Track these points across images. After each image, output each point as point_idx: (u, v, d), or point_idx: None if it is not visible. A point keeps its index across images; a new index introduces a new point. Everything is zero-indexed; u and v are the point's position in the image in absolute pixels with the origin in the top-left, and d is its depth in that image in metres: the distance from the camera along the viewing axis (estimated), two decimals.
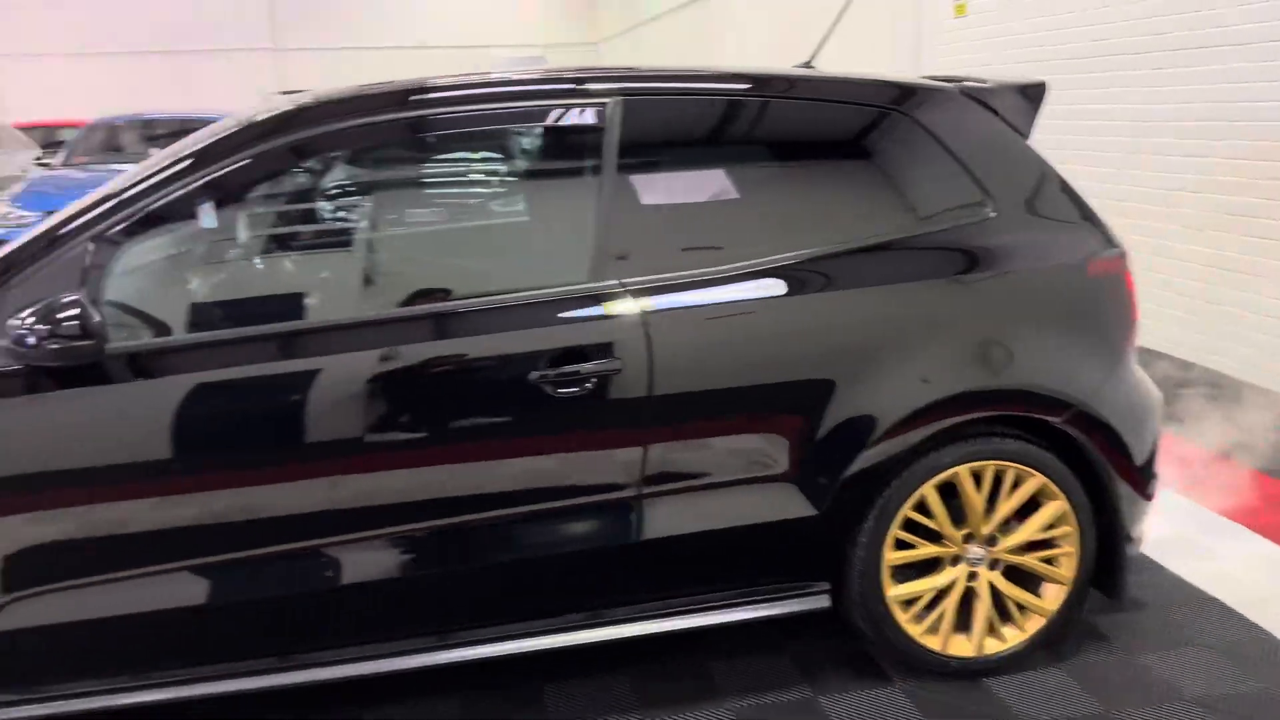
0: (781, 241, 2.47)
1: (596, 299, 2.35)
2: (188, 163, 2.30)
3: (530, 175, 2.58)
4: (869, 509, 2.51)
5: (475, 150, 2.53)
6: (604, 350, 2.30)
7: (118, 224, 2.23)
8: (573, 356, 2.30)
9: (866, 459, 2.46)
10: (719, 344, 2.39)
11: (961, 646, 2.64)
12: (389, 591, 2.33)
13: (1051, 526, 2.62)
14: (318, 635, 2.35)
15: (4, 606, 2.17)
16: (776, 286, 2.43)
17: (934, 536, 2.59)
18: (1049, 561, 2.64)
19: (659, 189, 2.47)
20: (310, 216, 2.55)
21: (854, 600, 2.58)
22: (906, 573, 2.61)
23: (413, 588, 2.34)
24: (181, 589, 2.25)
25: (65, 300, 2.09)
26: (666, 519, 2.42)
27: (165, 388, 2.18)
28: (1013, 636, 2.67)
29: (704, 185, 2.52)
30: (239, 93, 18.00)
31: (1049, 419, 2.55)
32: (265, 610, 2.30)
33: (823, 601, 2.57)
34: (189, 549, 2.23)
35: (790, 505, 2.47)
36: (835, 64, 2.86)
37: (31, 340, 2.06)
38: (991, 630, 2.66)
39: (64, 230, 2.23)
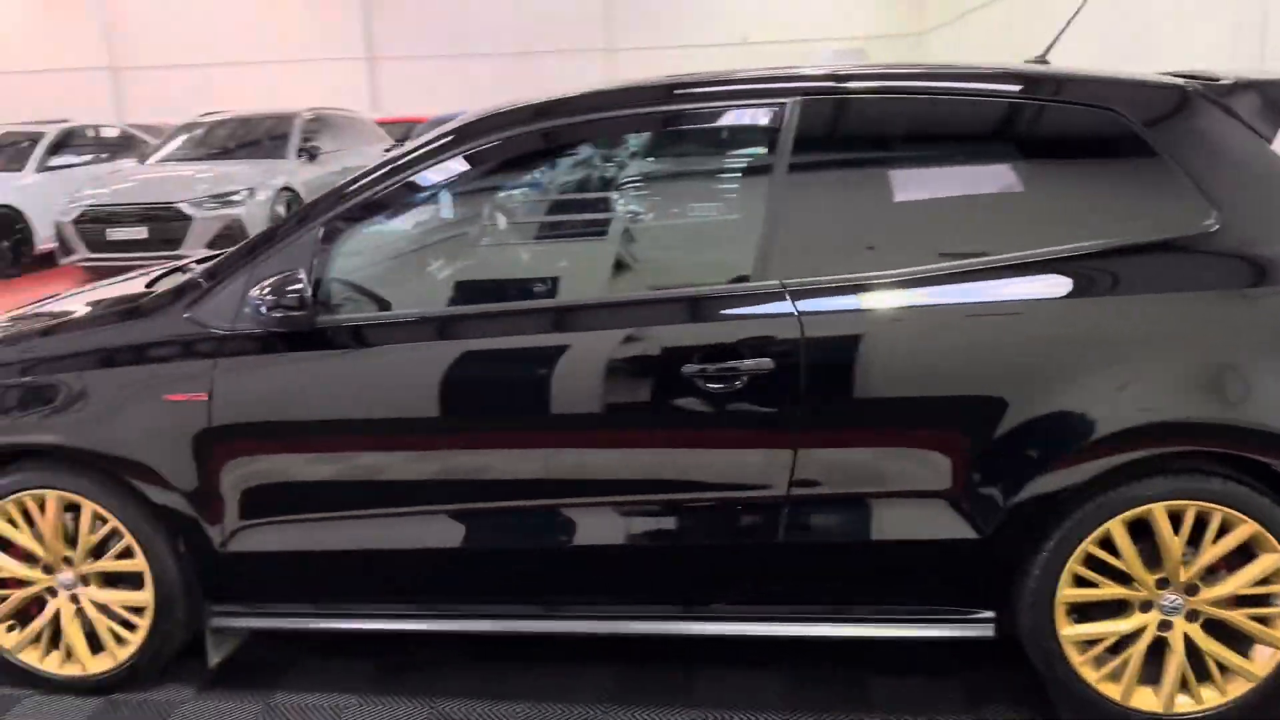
0: (957, 247, 2.37)
1: (755, 298, 2.38)
2: (438, 144, 2.58)
3: (714, 173, 2.65)
4: (1044, 539, 2.35)
5: (657, 148, 2.64)
6: (756, 348, 2.33)
7: (349, 210, 2.56)
8: (725, 353, 2.35)
9: (1043, 484, 2.30)
10: (878, 349, 2.33)
11: (1147, 700, 2.40)
12: (550, 557, 2.52)
13: (1267, 581, 2.32)
14: (490, 590, 2.58)
15: (237, 532, 2.58)
16: (949, 294, 2.33)
17: (1122, 577, 2.37)
18: (1262, 621, 2.34)
19: (828, 190, 2.45)
20: (525, 207, 2.79)
21: (1024, 634, 2.42)
22: (1088, 611, 2.41)
23: (569, 556, 2.50)
24: (384, 532, 2.55)
25: (292, 275, 2.44)
26: (813, 524, 2.41)
27: (362, 357, 2.49)
28: (1211, 699, 2.38)
29: (876, 187, 2.46)
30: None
31: (1270, 461, 2.26)
32: (453, 560, 2.55)
33: (986, 630, 2.44)
34: (385, 498, 2.53)
35: (949, 525, 2.36)
36: (1152, 44, 2.66)
37: (263, 309, 2.44)
38: (1186, 687, 2.39)
39: (308, 213, 2.60)
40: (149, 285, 2.94)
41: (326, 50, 23.46)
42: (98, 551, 2.67)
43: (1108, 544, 2.34)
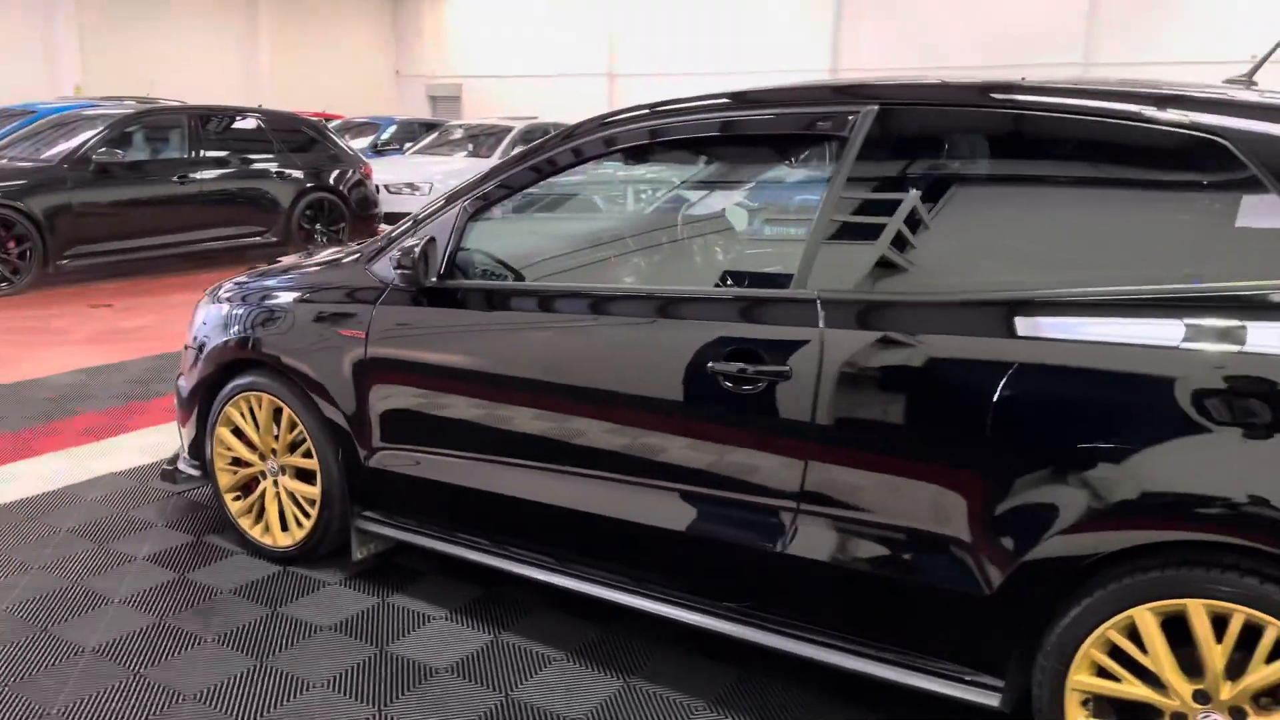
0: (1002, 278, 2.16)
1: (785, 304, 2.36)
2: (545, 144, 2.89)
3: (778, 180, 2.63)
4: (1060, 611, 2.08)
5: (731, 154, 2.67)
6: (777, 355, 2.31)
7: (481, 193, 2.94)
8: (748, 355, 2.36)
9: (1056, 547, 2.04)
10: (899, 374, 2.21)
11: None
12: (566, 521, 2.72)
13: None
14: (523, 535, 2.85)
15: (376, 451, 3.08)
16: (980, 324, 2.14)
17: (1153, 677, 2.02)
18: None
19: (883, 203, 2.33)
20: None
21: (1036, 712, 2.16)
22: (1115, 708, 2.09)
23: (584, 519, 2.69)
24: (471, 472, 2.90)
25: (412, 244, 2.87)
26: (815, 542, 2.34)
27: (454, 315, 2.87)
28: None
29: (932, 204, 2.29)
30: None
31: None
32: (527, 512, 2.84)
33: (990, 700, 2.20)
34: (470, 442, 2.88)
35: (952, 574, 2.18)
36: None
37: (393, 268, 2.90)
38: None
39: (458, 193, 3.02)
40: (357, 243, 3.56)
41: (794, 62, 24.39)
42: (292, 448, 3.32)
43: (1137, 635, 2.02)
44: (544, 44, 27.74)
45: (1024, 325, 2.10)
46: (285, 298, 3.33)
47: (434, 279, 2.90)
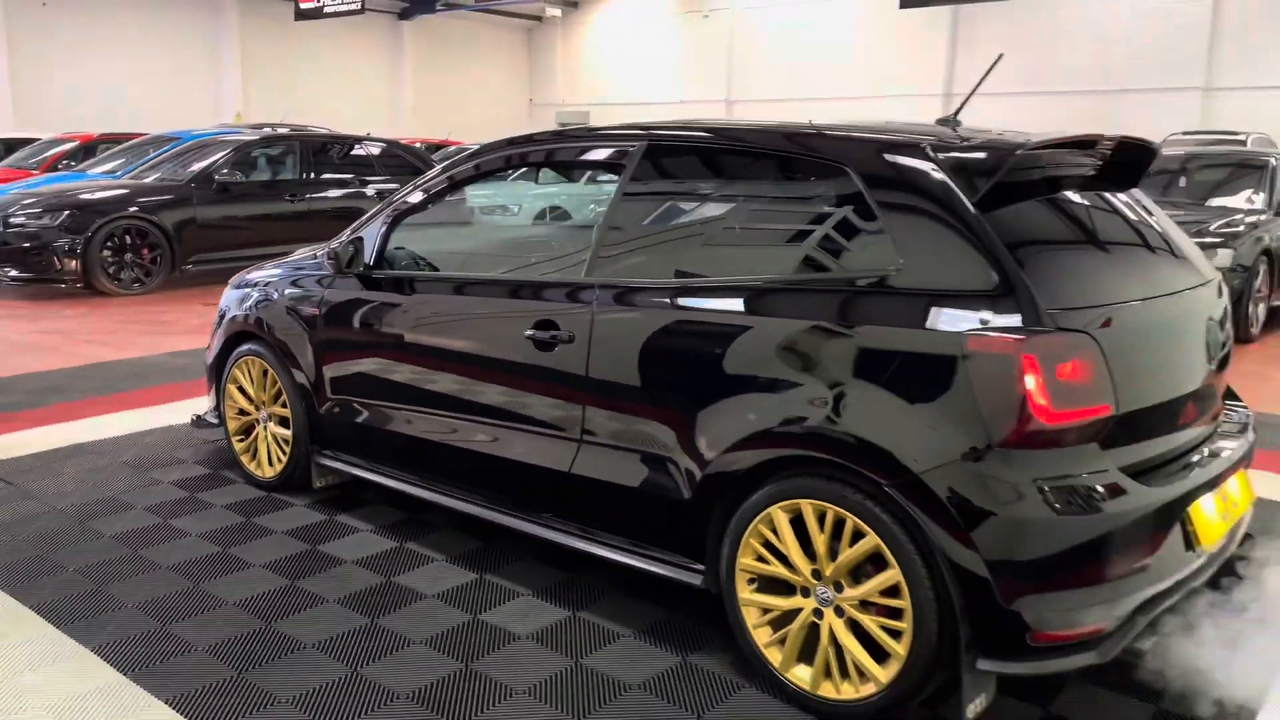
0: (694, 267, 2.94)
1: (575, 287, 3.17)
2: (438, 173, 3.80)
3: (588, 194, 3.44)
4: (731, 511, 2.81)
5: (551, 175, 3.49)
6: (566, 324, 3.13)
7: (399, 202, 3.87)
8: (548, 325, 3.18)
9: (721, 463, 2.79)
10: (627, 339, 3.00)
11: (800, 675, 2.71)
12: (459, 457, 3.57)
13: (895, 593, 2.52)
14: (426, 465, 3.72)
15: (325, 402, 4.03)
16: (683, 303, 2.91)
17: (787, 561, 2.73)
18: (894, 634, 2.54)
19: (641, 213, 3.13)
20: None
21: (722, 590, 2.89)
22: (773, 586, 2.80)
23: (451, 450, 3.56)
24: (385, 416, 3.81)
25: (342, 239, 3.81)
26: (589, 464, 3.13)
27: (370, 295, 3.80)
28: (848, 692, 2.63)
29: (675, 213, 3.09)
30: (1158, 132, 18.10)
31: (879, 479, 2.49)
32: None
33: (695, 579, 2.93)
34: (382, 392, 3.79)
35: (668, 484, 2.93)
36: None
37: (326, 258, 3.85)
38: (847, 675, 2.65)
39: (391, 201, 3.95)
40: None
41: (907, 88, 24.70)
42: (276, 400, 4.31)
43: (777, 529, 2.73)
44: (667, 73, 28.89)
45: (696, 304, 2.89)
46: (276, 283, 4.33)
47: (360, 268, 3.84)
